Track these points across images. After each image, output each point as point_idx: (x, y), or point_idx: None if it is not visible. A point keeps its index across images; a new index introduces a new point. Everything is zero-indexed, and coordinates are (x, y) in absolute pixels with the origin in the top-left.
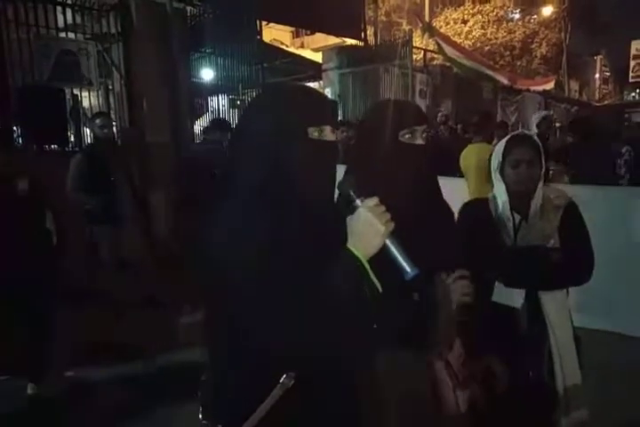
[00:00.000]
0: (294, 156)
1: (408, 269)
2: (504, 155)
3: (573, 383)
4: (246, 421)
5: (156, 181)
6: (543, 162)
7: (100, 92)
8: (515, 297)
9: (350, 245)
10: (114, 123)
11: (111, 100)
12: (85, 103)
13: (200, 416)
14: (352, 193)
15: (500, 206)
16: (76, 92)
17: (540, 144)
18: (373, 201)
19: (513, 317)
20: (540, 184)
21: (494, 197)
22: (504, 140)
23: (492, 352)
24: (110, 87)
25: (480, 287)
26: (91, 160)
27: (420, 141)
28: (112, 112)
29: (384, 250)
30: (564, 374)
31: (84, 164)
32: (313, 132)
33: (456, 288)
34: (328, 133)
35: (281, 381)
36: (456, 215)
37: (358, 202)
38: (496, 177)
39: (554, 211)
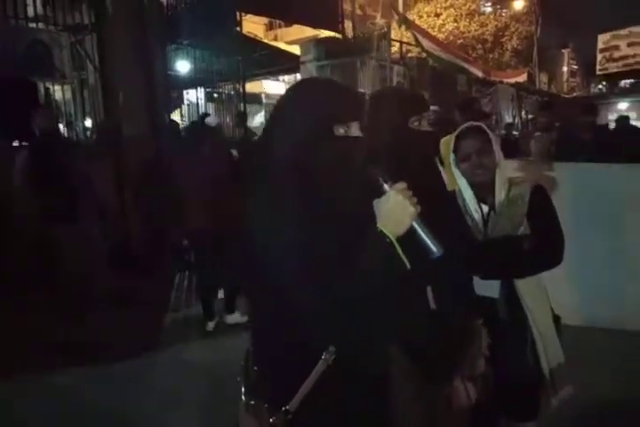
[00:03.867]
0: (322, 152)
1: (434, 248)
2: (454, 150)
3: (557, 363)
4: (291, 397)
5: (132, 175)
6: (495, 149)
7: (73, 86)
8: (492, 287)
9: (380, 225)
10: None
11: (85, 93)
12: (58, 96)
13: (243, 398)
14: (380, 179)
15: (467, 200)
16: (47, 85)
17: (490, 132)
18: (402, 185)
19: (493, 307)
20: (499, 171)
21: (460, 192)
22: (453, 136)
23: None
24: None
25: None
26: (37, 154)
27: (426, 127)
28: (86, 105)
29: (411, 231)
30: (547, 357)
31: (30, 158)
32: (339, 130)
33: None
34: (355, 130)
35: (323, 357)
36: None
37: (386, 187)
38: (455, 173)
39: (521, 197)
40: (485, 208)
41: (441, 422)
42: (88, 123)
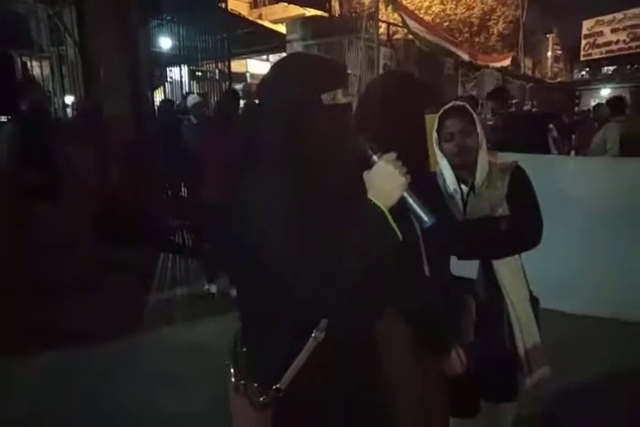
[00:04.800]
0: (312, 122)
1: (426, 218)
2: (438, 129)
3: (533, 344)
4: (281, 376)
5: (114, 154)
6: (479, 130)
7: (51, 60)
8: (470, 268)
9: (371, 196)
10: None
11: (64, 69)
12: (36, 72)
13: (232, 380)
14: (369, 150)
15: (447, 180)
16: (25, 59)
17: (474, 113)
18: (392, 155)
19: (471, 288)
20: (482, 152)
21: (441, 172)
22: (437, 115)
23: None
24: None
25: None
26: (24, 131)
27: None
28: (66, 81)
29: (402, 201)
30: (523, 337)
31: (16, 134)
32: (326, 98)
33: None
34: (340, 97)
35: (313, 334)
36: None
37: (376, 157)
38: (437, 152)
39: (500, 178)
40: (465, 189)
41: (435, 390)
42: (68, 99)
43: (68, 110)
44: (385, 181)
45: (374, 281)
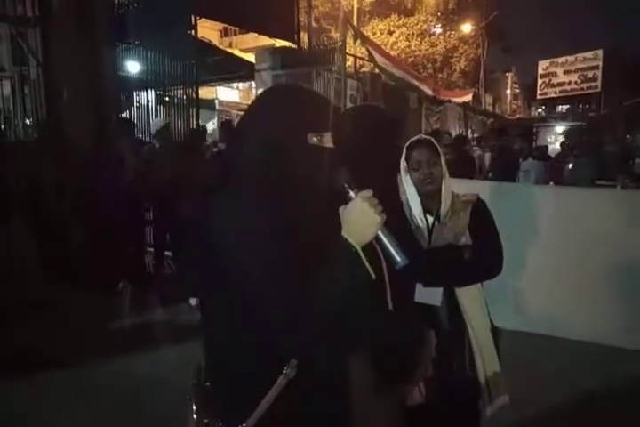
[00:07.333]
0: (292, 159)
1: (398, 258)
2: (406, 159)
3: (494, 371)
4: (248, 415)
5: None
6: (442, 162)
7: (13, 80)
8: (434, 296)
9: (345, 233)
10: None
11: (26, 89)
12: None
13: (194, 417)
14: (346, 186)
15: (413, 209)
16: None
17: (438, 146)
18: (369, 193)
19: (434, 315)
20: (445, 183)
21: (407, 201)
22: (405, 146)
23: None
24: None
25: (403, 290)
26: None
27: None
28: (27, 102)
29: (376, 240)
30: (484, 365)
31: None
32: (312, 138)
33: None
34: (328, 140)
35: (284, 371)
36: None
37: (352, 194)
38: (406, 181)
39: (463, 209)
40: (430, 218)
41: (395, 422)
42: (28, 121)
43: (30, 131)
44: (360, 218)
45: (345, 318)
